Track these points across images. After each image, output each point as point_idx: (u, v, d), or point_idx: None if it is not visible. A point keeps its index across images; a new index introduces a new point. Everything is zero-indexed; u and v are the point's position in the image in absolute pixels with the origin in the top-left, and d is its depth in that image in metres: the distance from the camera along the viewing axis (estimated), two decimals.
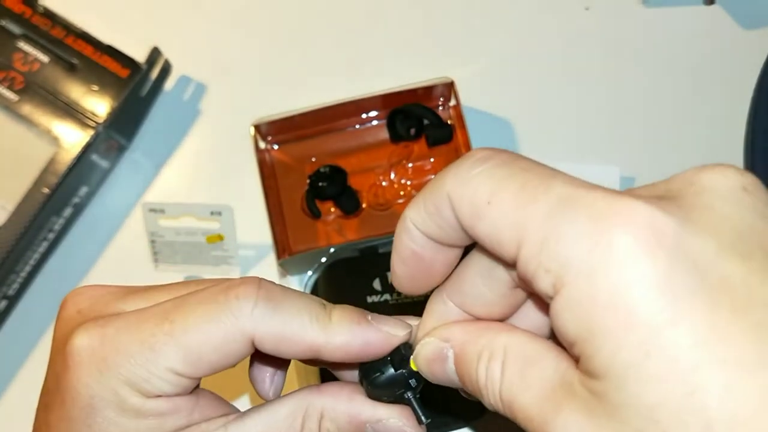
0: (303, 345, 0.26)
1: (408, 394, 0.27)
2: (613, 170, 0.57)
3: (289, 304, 0.26)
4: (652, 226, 0.19)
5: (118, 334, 0.26)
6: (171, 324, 0.26)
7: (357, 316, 0.27)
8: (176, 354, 0.25)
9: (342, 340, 0.27)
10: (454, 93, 0.55)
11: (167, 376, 0.26)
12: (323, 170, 0.54)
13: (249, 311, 0.26)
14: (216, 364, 0.26)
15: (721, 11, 0.60)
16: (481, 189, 0.22)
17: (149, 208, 0.56)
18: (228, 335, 0.26)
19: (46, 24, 0.57)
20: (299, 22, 0.62)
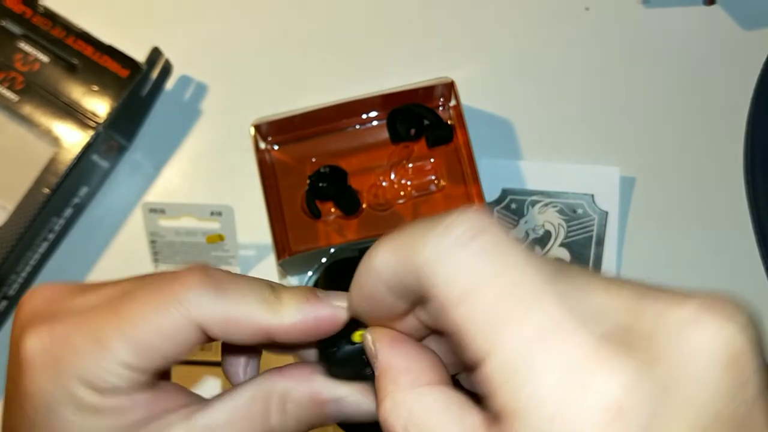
0: (252, 328, 0.26)
1: (367, 370, 0.27)
2: (613, 170, 0.57)
3: (236, 289, 0.26)
4: (625, 399, 0.17)
5: (67, 333, 0.26)
6: (119, 318, 0.26)
7: (306, 294, 0.27)
8: (126, 347, 0.25)
9: (292, 320, 0.26)
10: (454, 93, 0.55)
11: (120, 370, 0.25)
12: (323, 170, 0.54)
13: (194, 298, 0.26)
14: (168, 354, 0.26)
15: (721, 11, 0.60)
16: (462, 275, 0.19)
17: (149, 208, 0.56)
18: (176, 324, 0.26)
19: (46, 24, 0.57)
20: (299, 22, 0.62)
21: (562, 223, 0.56)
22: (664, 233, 0.57)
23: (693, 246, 0.56)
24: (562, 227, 0.56)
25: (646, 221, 0.57)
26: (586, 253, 0.56)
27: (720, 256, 0.56)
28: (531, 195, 0.57)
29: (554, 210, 0.57)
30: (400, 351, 0.24)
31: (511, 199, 0.57)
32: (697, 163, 0.58)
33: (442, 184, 0.56)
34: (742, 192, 0.57)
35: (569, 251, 0.56)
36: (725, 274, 0.56)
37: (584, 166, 0.57)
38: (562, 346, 0.17)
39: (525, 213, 0.57)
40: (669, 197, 0.57)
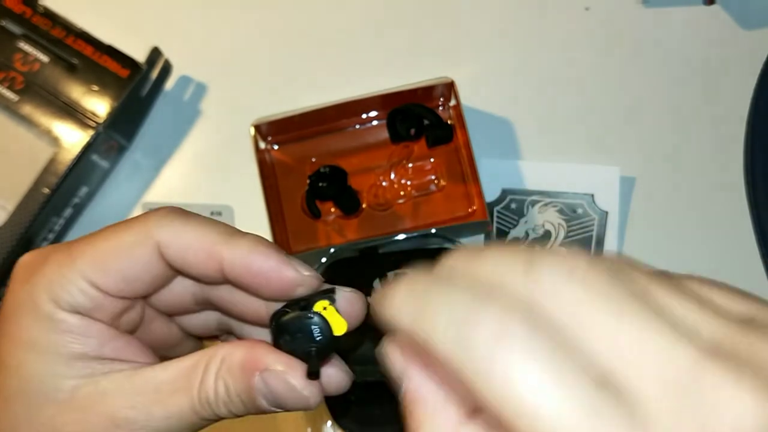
0: (206, 253, 0.27)
1: (311, 347, 0.26)
2: (613, 170, 0.57)
3: (200, 218, 0.28)
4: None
5: (53, 251, 0.28)
6: (95, 236, 0.28)
7: (269, 243, 0.27)
8: (90, 260, 0.27)
9: (245, 254, 0.27)
10: (454, 93, 0.55)
11: (81, 283, 0.26)
12: (323, 170, 0.54)
13: (156, 219, 0.27)
14: (128, 273, 0.27)
15: (721, 11, 0.60)
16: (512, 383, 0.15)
17: (149, 208, 0.56)
18: (136, 240, 0.27)
19: (46, 24, 0.57)
20: (299, 22, 0.62)
21: (562, 223, 0.56)
22: (664, 233, 0.57)
23: (693, 246, 0.56)
24: (562, 227, 0.56)
25: (646, 221, 0.57)
26: None
27: (720, 256, 0.56)
28: (531, 195, 0.57)
29: (554, 210, 0.57)
30: (435, 377, 0.20)
31: (511, 199, 0.57)
32: (697, 163, 0.58)
33: (442, 184, 0.56)
34: (742, 192, 0.57)
35: None
36: (725, 274, 0.55)
37: (584, 166, 0.57)
38: None
39: (525, 213, 0.57)
40: (669, 197, 0.57)
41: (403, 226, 0.55)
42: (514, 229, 0.57)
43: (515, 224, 0.57)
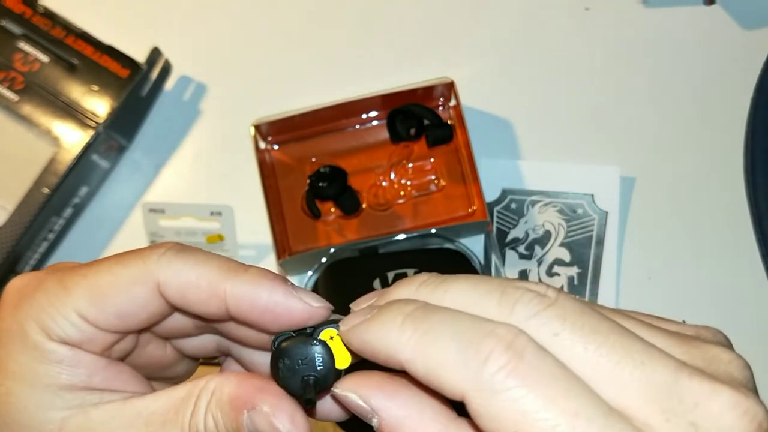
0: (208, 291, 0.26)
1: (310, 376, 0.25)
2: (613, 170, 0.57)
3: (201, 254, 0.26)
4: None
5: (45, 276, 0.27)
6: (89, 268, 0.27)
7: (273, 275, 0.26)
8: (85, 294, 0.26)
9: (249, 288, 0.26)
10: (454, 93, 0.55)
11: (73, 317, 0.26)
12: (323, 170, 0.54)
13: (156, 257, 0.26)
14: (122, 310, 0.26)
15: (721, 11, 0.60)
16: (515, 413, 0.18)
17: (149, 208, 0.56)
18: (134, 277, 0.26)
19: (46, 24, 0.57)
20: (299, 22, 0.62)
21: (562, 222, 0.56)
22: (664, 233, 0.57)
23: (693, 246, 0.56)
24: (562, 227, 0.56)
25: (646, 221, 0.57)
26: (586, 253, 0.56)
27: (720, 256, 0.56)
28: (531, 195, 0.57)
29: (554, 210, 0.57)
30: (402, 398, 0.22)
31: (511, 199, 0.57)
32: (697, 163, 0.58)
33: (442, 183, 0.56)
34: (742, 192, 0.57)
35: (569, 251, 0.56)
36: (725, 274, 0.56)
37: (584, 166, 0.57)
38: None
39: (525, 213, 0.57)
40: (669, 197, 0.57)
41: (403, 226, 0.55)
42: (514, 229, 0.57)
43: (515, 224, 0.57)
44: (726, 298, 0.55)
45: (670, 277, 0.56)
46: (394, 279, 0.51)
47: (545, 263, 0.56)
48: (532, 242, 0.56)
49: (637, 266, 0.56)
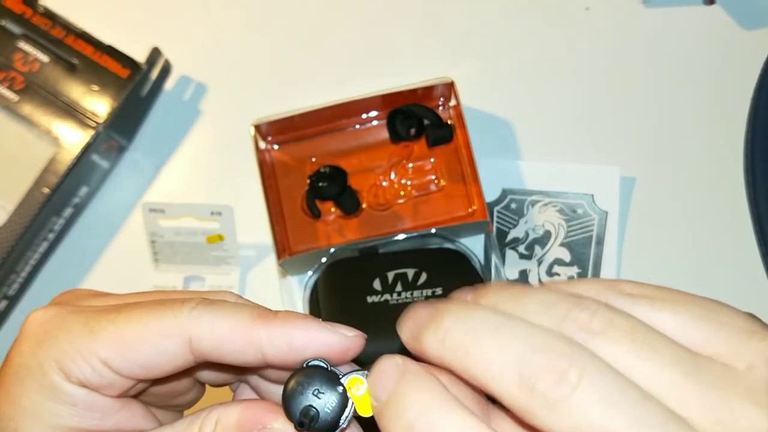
0: (243, 341, 0.25)
1: (314, 409, 0.25)
2: (613, 170, 0.57)
3: (230, 306, 0.26)
4: None
5: (69, 314, 0.26)
6: (117, 314, 0.26)
7: (304, 315, 0.26)
8: (111, 341, 0.25)
9: (284, 332, 0.25)
10: (454, 93, 0.55)
11: (95, 363, 0.25)
12: (323, 170, 0.54)
13: (188, 310, 0.26)
14: (148, 362, 0.26)
15: (721, 11, 0.60)
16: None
17: (149, 208, 0.56)
18: (164, 329, 0.25)
19: (46, 24, 0.57)
20: (299, 22, 0.62)
21: (562, 222, 0.56)
22: (664, 233, 0.57)
23: (693, 246, 0.56)
24: (562, 227, 0.56)
25: (646, 221, 0.57)
26: (586, 252, 0.56)
27: (720, 256, 0.56)
28: (531, 195, 0.57)
29: (554, 210, 0.57)
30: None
31: (511, 199, 0.57)
32: (697, 163, 0.58)
33: (442, 183, 0.56)
34: (742, 192, 0.57)
35: (569, 251, 0.56)
36: (725, 273, 0.56)
37: (584, 166, 0.57)
38: None
39: (525, 213, 0.57)
40: (669, 197, 0.57)
41: (403, 226, 0.55)
42: (514, 229, 0.57)
43: (515, 224, 0.57)
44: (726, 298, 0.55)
45: (670, 277, 0.56)
46: (394, 279, 0.51)
47: (545, 263, 0.56)
48: (532, 242, 0.56)
49: (637, 266, 0.56)
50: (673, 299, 0.21)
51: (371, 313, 0.49)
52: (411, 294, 0.50)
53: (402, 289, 0.50)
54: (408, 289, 0.50)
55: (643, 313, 0.21)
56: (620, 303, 0.22)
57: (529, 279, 0.56)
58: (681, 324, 0.21)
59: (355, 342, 0.26)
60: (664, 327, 0.21)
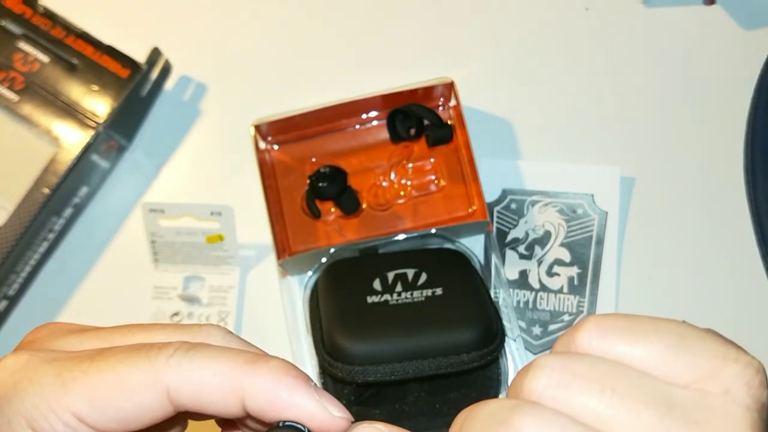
0: (224, 391, 0.24)
1: None
2: (613, 170, 0.57)
3: (213, 350, 0.25)
4: None
5: (41, 364, 0.24)
6: (91, 363, 0.24)
7: (297, 372, 0.25)
8: (84, 394, 0.24)
9: (269, 386, 0.24)
10: (454, 93, 0.55)
11: (68, 418, 0.24)
12: (323, 170, 0.54)
13: (165, 358, 0.24)
14: (125, 415, 0.24)
15: (721, 11, 0.60)
16: None
17: (149, 208, 0.56)
18: (139, 380, 0.24)
19: (46, 24, 0.57)
20: (299, 22, 0.62)
21: (562, 223, 0.56)
22: (664, 233, 0.57)
23: (693, 246, 0.56)
24: (562, 227, 0.56)
25: (646, 221, 0.57)
26: (586, 253, 0.56)
27: (720, 256, 0.56)
28: (531, 195, 0.57)
29: (554, 210, 0.57)
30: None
31: (511, 199, 0.57)
32: (697, 163, 0.58)
33: (442, 184, 0.56)
34: (742, 192, 0.57)
35: (569, 251, 0.56)
36: (725, 274, 0.56)
37: (584, 166, 0.57)
38: None
39: (525, 213, 0.57)
40: (669, 197, 0.57)
41: (403, 226, 0.55)
42: (514, 229, 0.57)
43: (515, 224, 0.57)
44: (726, 298, 0.55)
45: (670, 277, 0.56)
46: (394, 279, 0.51)
47: (545, 263, 0.56)
48: (532, 242, 0.56)
49: (637, 266, 0.56)
50: (644, 330, 0.21)
51: (371, 313, 0.49)
52: (411, 294, 0.50)
53: (402, 289, 0.50)
54: (408, 289, 0.50)
55: (616, 351, 0.21)
56: (591, 346, 0.21)
57: (529, 279, 0.56)
58: (654, 356, 0.20)
59: (339, 423, 0.24)
60: (637, 361, 0.20)
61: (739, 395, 0.19)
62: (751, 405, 0.19)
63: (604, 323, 0.21)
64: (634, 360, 0.20)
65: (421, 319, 0.48)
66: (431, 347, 0.47)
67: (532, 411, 0.19)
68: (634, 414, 0.19)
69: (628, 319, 0.21)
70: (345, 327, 0.48)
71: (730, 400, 0.19)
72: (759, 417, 0.19)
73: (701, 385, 0.20)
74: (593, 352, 0.21)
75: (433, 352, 0.46)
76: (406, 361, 0.46)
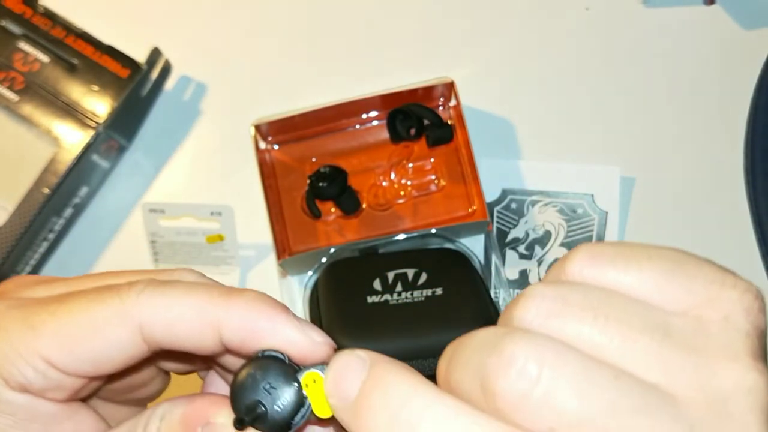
0: (200, 323, 0.23)
1: (263, 407, 0.22)
2: (613, 170, 0.57)
3: (183, 284, 0.24)
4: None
5: (7, 310, 0.23)
6: (59, 305, 0.23)
7: (273, 301, 0.24)
8: (53, 336, 0.22)
9: (247, 317, 0.23)
10: (454, 93, 0.55)
11: (38, 363, 0.22)
12: (323, 170, 0.54)
13: (135, 294, 0.23)
14: (97, 356, 0.23)
15: (721, 11, 0.60)
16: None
17: (149, 208, 0.56)
18: (110, 317, 0.23)
19: (46, 24, 0.57)
20: (299, 22, 0.62)
21: (562, 223, 0.56)
22: (664, 233, 0.57)
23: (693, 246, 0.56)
24: (562, 227, 0.56)
25: (646, 221, 0.57)
26: None
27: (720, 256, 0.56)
28: (531, 195, 0.57)
29: (554, 210, 0.57)
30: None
31: (511, 199, 0.57)
32: (697, 164, 0.58)
33: (442, 183, 0.56)
34: (742, 192, 0.57)
35: None
36: None
37: (584, 166, 0.57)
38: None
39: (525, 213, 0.57)
40: (669, 197, 0.57)
41: (403, 226, 0.55)
42: (514, 229, 0.57)
43: (515, 224, 0.57)
44: None
45: None
46: (394, 279, 0.51)
47: (545, 263, 0.56)
48: (532, 242, 0.56)
49: None
50: (637, 257, 0.20)
51: (371, 313, 0.49)
52: (411, 294, 0.50)
53: (402, 289, 0.50)
54: (408, 289, 0.50)
55: (608, 278, 0.19)
56: (582, 274, 0.20)
57: (529, 279, 0.56)
58: (649, 283, 0.19)
59: (321, 349, 0.23)
60: (631, 289, 0.19)
61: (739, 321, 0.18)
62: (750, 331, 0.18)
63: (596, 251, 0.20)
64: (628, 288, 0.19)
65: (422, 319, 0.48)
66: (431, 347, 0.47)
67: (525, 337, 0.18)
68: (629, 341, 0.18)
69: (621, 246, 0.20)
70: (345, 327, 0.48)
71: (729, 327, 0.18)
72: (758, 343, 0.18)
73: (699, 312, 0.19)
74: (585, 280, 0.20)
75: (433, 352, 0.46)
76: (406, 361, 0.46)
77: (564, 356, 0.18)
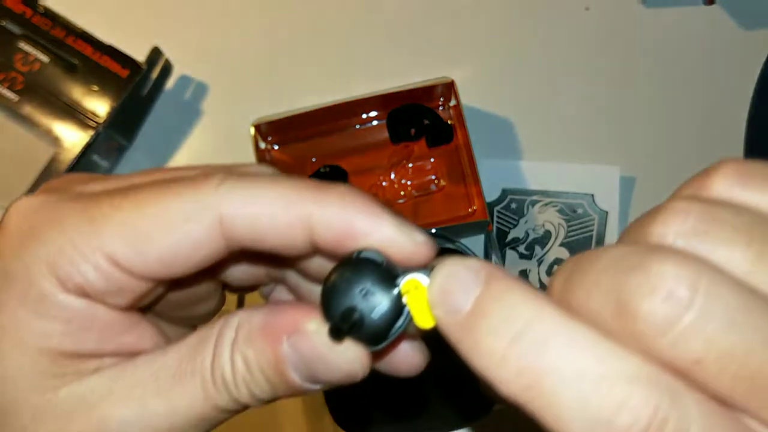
0: (289, 217, 0.20)
1: (357, 313, 0.19)
2: (613, 170, 0.57)
3: (266, 177, 0.21)
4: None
5: (59, 203, 0.20)
6: (124, 197, 0.20)
7: (365, 195, 0.21)
8: (119, 231, 0.19)
9: (343, 213, 0.20)
10: (454, 93, 0.55)
11: (100, 261, 0.19)
12: (323, 170, 0.54)
13: (214, 186, 0.20)
14: (169, 254, 0.20)
15: (721, 11, 0.60)
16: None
17: None
18: (186, 210, 0.20)
19: (46, 24, 0.57)
20: (299, 22, 0.62)
21: (562, 222, 0.56)
22: None
23: None
24: (562, 227, 0.56)
25: None
26: None
27: None
28: (531, 195, 0.57)
29: (554, 210, 0.57)
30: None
31: (511, 199, 0.57)
32: (697, 163, 0.57)
33: (442, 184, 0.56)
34: None
35: (569, 251, 0.56)
36: None
37: (584, 166, 0.57)
38: None
39: (525, 213, 0.57)
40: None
41: None
42: (514, 229, 0.57)
43: (515, 224, 0.57)
44: None
45: None
46: None
47: (545, 263, 0.56)
48: (532, 242, 0.56)
49: None
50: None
51: None
52: None
53: None
54: None
55: (759, 201, 0.17)
56: (729, 193, 0.17)
57: (530, 279, 0.56)
58: None
59: (423, 251, 0.20)
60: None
61: None
62: None
63: (746, 169, 0.17)
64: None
65: None
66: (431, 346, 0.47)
67: (675, 257, 0.15)
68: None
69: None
70: None
71: None
72: None
73: None
74: (732, 200, 0.17)
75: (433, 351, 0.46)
76: None
77: (718, 282, 0.15)
